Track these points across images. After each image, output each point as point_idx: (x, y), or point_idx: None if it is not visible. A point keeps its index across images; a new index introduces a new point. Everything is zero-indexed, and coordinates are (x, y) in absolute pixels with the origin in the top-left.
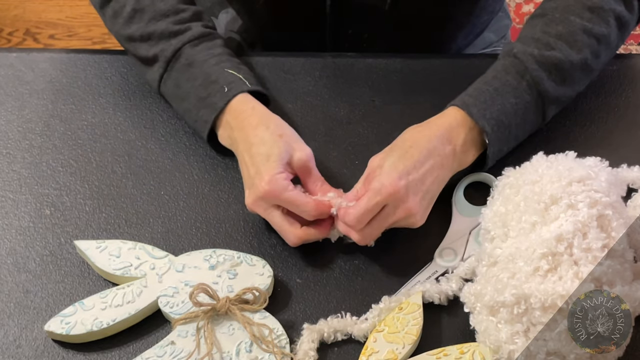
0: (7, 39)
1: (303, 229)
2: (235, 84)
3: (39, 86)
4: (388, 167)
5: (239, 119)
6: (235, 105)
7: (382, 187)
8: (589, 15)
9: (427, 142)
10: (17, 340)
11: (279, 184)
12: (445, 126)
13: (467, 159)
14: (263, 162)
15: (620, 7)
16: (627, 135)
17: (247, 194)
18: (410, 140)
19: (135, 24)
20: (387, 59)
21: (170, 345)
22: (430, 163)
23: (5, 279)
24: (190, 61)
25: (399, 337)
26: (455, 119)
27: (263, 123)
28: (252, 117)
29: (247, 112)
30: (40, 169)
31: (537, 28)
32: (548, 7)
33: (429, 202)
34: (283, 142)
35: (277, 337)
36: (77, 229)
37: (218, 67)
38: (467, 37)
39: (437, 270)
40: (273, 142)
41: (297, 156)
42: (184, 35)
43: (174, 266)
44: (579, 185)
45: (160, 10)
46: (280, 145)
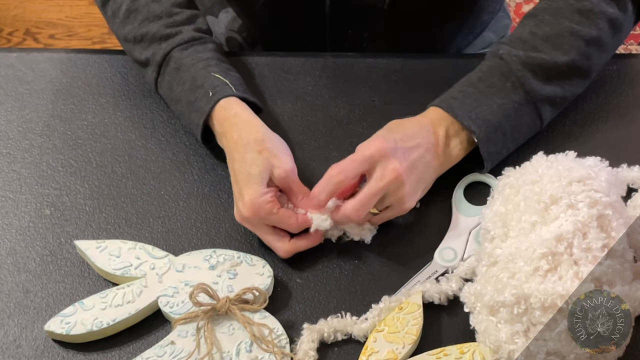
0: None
1: (291, 243)
2: (220, 88)
3: (39, 86)
4: (373, 137)
5: (222, 126)
6: (219, 111)
7: (370, 145)
8: (578, 18)
9: (411, 127)
10: (17, 340)
11: (261, 208)
12: (428, 118)
13: (453, 153)
14: (245, 182)
15: (612, 9)
16: (627, 135)
17: (235, 210)
18: (394, 124)
19: (129, 25)
20: (387, 59)
21: (170, 345)
22: (416, 141)
23: (5, 279)
24: (178, 65)
25: (399, 337)
26: (436, 114)
27: (242, 138)
28: (233, 126)
29: (230, 120)
30: (40, 169)
31: (526, 29)
32: (540, 8)
33: (417, 183)
34: (262, 159)
35: (277, 337)
36: (77, 229)
37: (205, 71)
38: (467, 37)
39: (437, 270)
40: (252, 160)
41: (277, 173)
42: (174, 39)
43: (174, 266)
44: (579, 185)
45: (154, 12)
46: (259, 163)
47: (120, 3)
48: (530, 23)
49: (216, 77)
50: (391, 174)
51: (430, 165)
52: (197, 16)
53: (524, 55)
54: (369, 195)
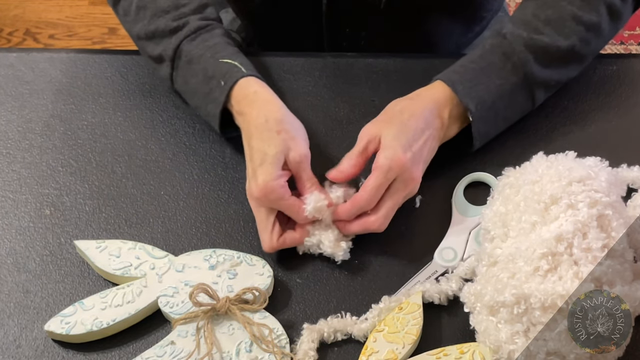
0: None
1: (280, 241)
2: (230, 73)
3: (39, 86)
4: (391, 141)
5: (240, 104)
6: (237, 93)
7: (392, 162)
8: (580, 3)
9: (421, 113)
10: (17, 340)
11: (273, 192)
12: (434, 100)
13: (451, 132)
14: (260, 162)
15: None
16: (627, 135)
17: (247, 186)
18: (406, 111)
19: (140, 22)
20: (387, 59)
21: (170, 345)
22: (426, 134)
23: (5, 279)
24: (189, 58)
25: (399, 337)
26: (444, 94)
27: (261, 115)
28: (253, 103)
29: (250, 97)
30: (40, 169)
31: (528, 10)
32: None
33: (423, 171)
34: (280, 140)
35: (277, 337)
36: (77, 229)
37: (213, 59)
38: (466, 35)
39: (437, 270)
40: (270, 139)
41: (291, 156)
42: (182, 31)
43: (174, 266)
44: (579, 185)
45: (161, 7)
46: (277, 144)
47: (130, 1)
48: (531, 5)
49: (225, 62)
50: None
51: (434, 149)
52: (206, 5)
53: (527, 36)
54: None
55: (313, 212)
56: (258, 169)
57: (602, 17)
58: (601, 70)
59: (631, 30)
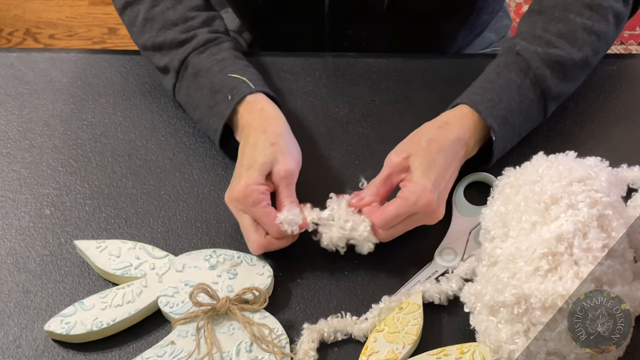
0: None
1: (267, 239)
2: (238, 89)
3: (39, 86)
4: (419, 177)
5: (244, 118)
6: (243, 108)
7: (418, 200)
8: (589, 13)
9: (451, 147)
10: (17, 340)
11: (252, 196)
12: (464, 128)
13: (472, 154)
14: (246, 167)
15: (618, 4)
16: (627, 135)
17: (227, 189)
18: (435, 144)
19: (147, 34)
20: (387, 59)
21: (170, 345)
22: (453, 168)
23: (5, 279)
24: (196, 70)
25: (399, 337)
26: (471, 121)
27: (263, 126)
28: (259, 118)
29: (255, 113)
30: (40, 169)
31: (537, 25)
32: (546, 5)
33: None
34: (271, 151)
35: (277, 337)
36: (77, 229)
37: (221, 73)
38: (467, 37)
39: (437, 270)
40: (263, 149)
41: (276, 169)
42: (190, 44)
43: (174, 266)
44: (579, 185)
45: (170, 19)
46: (267, 154)
47: (137, 12)
48: (538, 19)
49: (233, 77)
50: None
51: (455, 176)
52: (214, 18)
53: (542, 51)
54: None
55: (285, 222)
56: (244, 173)
57: (610, 26)
58: (601, 70)
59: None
